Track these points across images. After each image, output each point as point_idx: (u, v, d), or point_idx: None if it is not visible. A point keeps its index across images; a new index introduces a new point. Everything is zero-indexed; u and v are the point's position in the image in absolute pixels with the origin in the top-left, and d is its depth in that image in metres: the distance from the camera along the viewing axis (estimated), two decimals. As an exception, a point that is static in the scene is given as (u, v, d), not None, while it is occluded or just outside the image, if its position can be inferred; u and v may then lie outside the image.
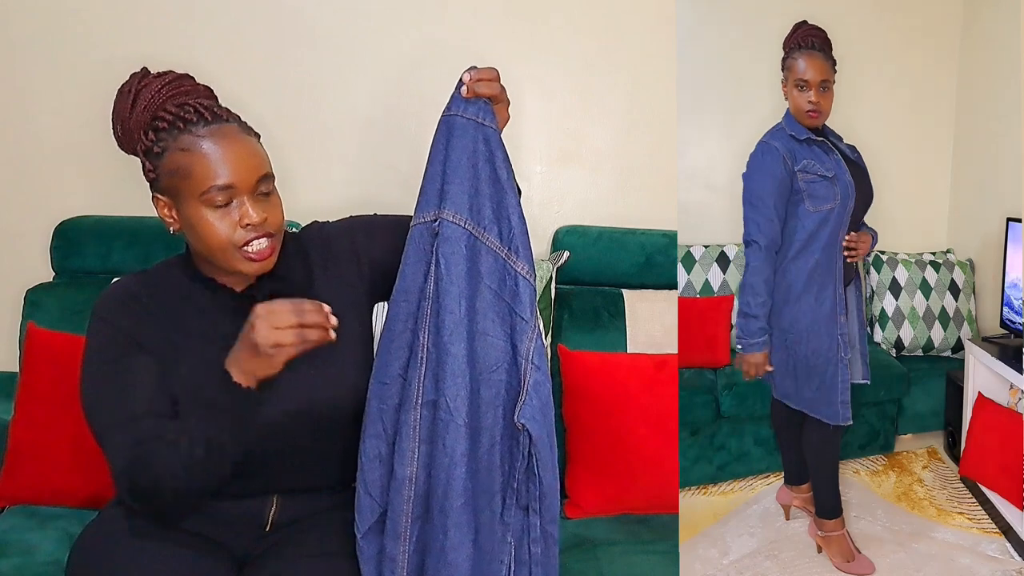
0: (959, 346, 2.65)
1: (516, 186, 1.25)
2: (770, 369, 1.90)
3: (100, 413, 1.21)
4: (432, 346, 1.20)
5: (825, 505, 2.03)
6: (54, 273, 2.06)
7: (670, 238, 2.15)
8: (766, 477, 2.36)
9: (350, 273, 1.35)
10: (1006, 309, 2.43)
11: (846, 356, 1.91)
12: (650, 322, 2.07)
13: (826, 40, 1.90)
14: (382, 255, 1.34)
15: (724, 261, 2.57)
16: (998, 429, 2.20)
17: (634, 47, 2.22)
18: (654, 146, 2.24)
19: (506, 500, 1.24)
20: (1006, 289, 2.43)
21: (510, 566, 1.24)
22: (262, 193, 1.23)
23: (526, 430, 1.20)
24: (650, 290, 2.13)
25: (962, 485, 2.36)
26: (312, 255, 1.36)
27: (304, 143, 2.14)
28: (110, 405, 1.21)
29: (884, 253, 2.71)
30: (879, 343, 2.66)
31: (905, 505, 2.28)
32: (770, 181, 1.86)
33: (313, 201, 1.95)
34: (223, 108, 1.25)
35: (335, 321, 1.14)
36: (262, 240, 1.23)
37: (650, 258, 2.14)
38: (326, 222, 1.41)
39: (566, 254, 2.07)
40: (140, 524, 1.23)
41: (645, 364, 1.93)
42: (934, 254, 2.76)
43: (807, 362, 1.91)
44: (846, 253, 1.91)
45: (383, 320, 1.28)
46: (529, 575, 1.25)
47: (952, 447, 2.48)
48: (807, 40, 1.89)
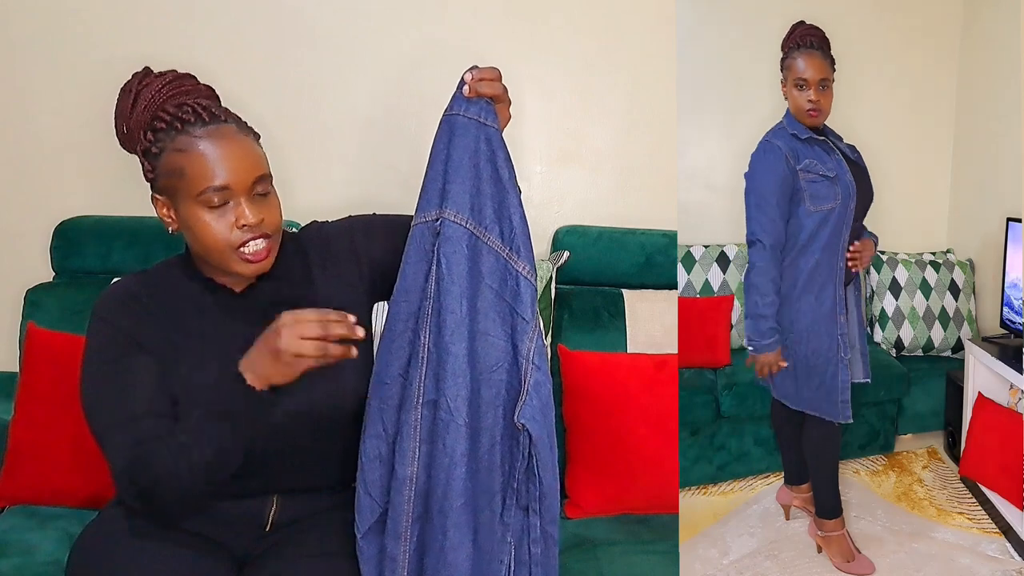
0: (959, 346, 2.65)
1: (517, 186, 1.25)
2: (784, 365, 1.88)
3: (100, 413, 1.21)
4: (433, 346, 1.20)
5: (825, 505, 2.03)
6: (54, 273, 2.06)
7: (670, 238, 2.15)
8: (766, 477, 2.36)
9: (349, 273, 1.35)
10: (1006, 309, 2.43)
11: (846, 356, 1.91)
12: (650, 322, 2.07)
13: (824, 39, 1.90)
14: (381, 255, 1.34)
15: (724, 261, 2.57)
16: (998, 429, 2.20)
17: (634, 47, 2.22)
18: (654, 146, 2.24)
19: (506, 500, 1.24)
20: (1006, 289, 2.43)
21: (510, 566, 1.24)
22: (259, 194, 1.23)
23: (526, 430, 1.20)
24: (650, 290, 2.13)
25: (962, 485, 2.36)
26: (311, 255, 1.35)
27: (304, 143, 2.14)
28: (110, 405, 1.21)
29: (884, 253, 2.71)
30: (879, 343, 2.66)
31: (905, 505, 2.28)
32: (774, 180, 1.86)
33: (313, 201, 1.94)
34: (222, 108, 1.25)
35: (361, 332, 1.14)
36: (259, 241, 1.23)
37: (650, 258, 2.14)
38: (325, 222, 1.41)
39: (566, 254, 2.08)
40: (140, 524, 1.23)
41: (645, 364, 1.93)
42: (934, 254, 2.75)
43: (807, 362, 1.91)
44: (851, 263, 1.91)
45: (383, 320, 1.28)
46: (529, 575, 1.25)
47: (952, 447, 2.48)
48: (805, 39, 1.89)
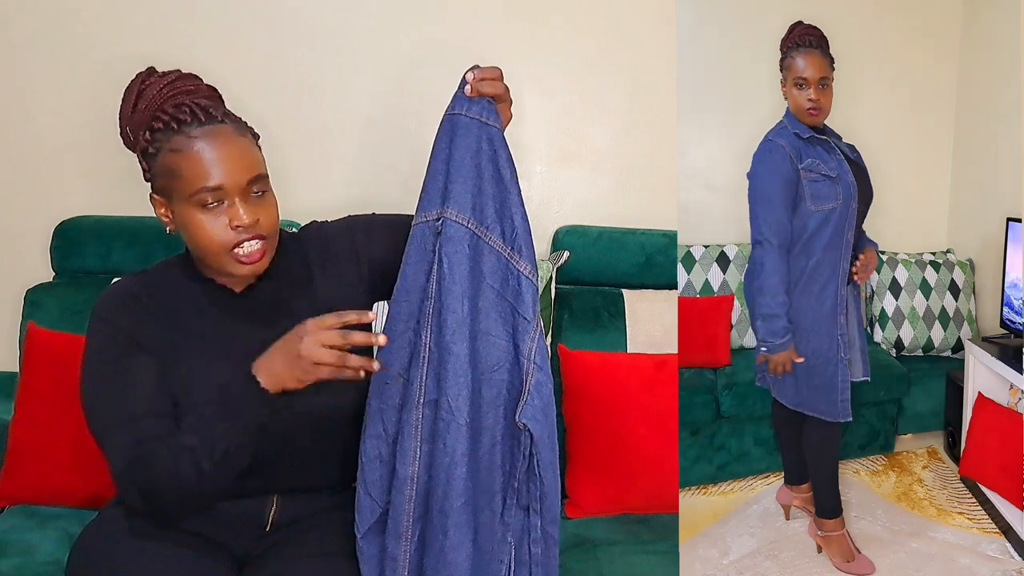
0: (959, 346, 2.65)
1: (518, 186, 1.25)
2: (800, 361, 1.87)
3: (100, 413, 1.21)
4: (434, 345, 1.20)
5: (825, 505, 2.03)
6: (54, 273, 2.06)
7: (670, 238, 2.15)
8: (766, 477, 2.36)
9: (349, 273, 1.35)
10: (1006, 309, 2.43)
11: (846, 356, 1.91)
12: (650, 322, 2.07)
13: (823, 38, 1.90)
14: (381, 254, 1.34)
15: (724, 261, 2.57)
16: (998, 429, 2.20)
17: (634, 47, 2.22)
18: (654, 146, 2.24)
19: (506, 500, 1.23)
20: (1006, 289, 2.43)
21: (510, 566, 1.24)
22: (255, 194, 1.22)
23: (527, 430, 1.20)
24: (650, 290, 2.13)
25: (962, 485, 2.36)
26: (311, 255, 1.35)
27: (304, 143, 2.14)
28: (110, 405, 1.21)
29: (884, 253, 2.71)
30: (879, 343, 2.66)
31: (905, 505, 2.28)
32: (779, 179, 1.86)
33: (313, 201, 1.94)
34: (221, 109, 1.24)
35: (383, 340, 1.15)
36: (253, 242, 1.22)
37: (650, 258, 2.14)
38: (325, 222, 1.40)
39: (566, 254, 2.08)
40: (140, 524, 1.23)
41: (645, 364, 1.93)
42: (934, 254, 2.75)
43: (807, 361, 1.90)
44: (856, 278, 1.92)
45: (383, 320, 1.28)
46: (529, 575, 1.25)
47: (952, 447, 2.48)
48: (804, 39, 1.89)
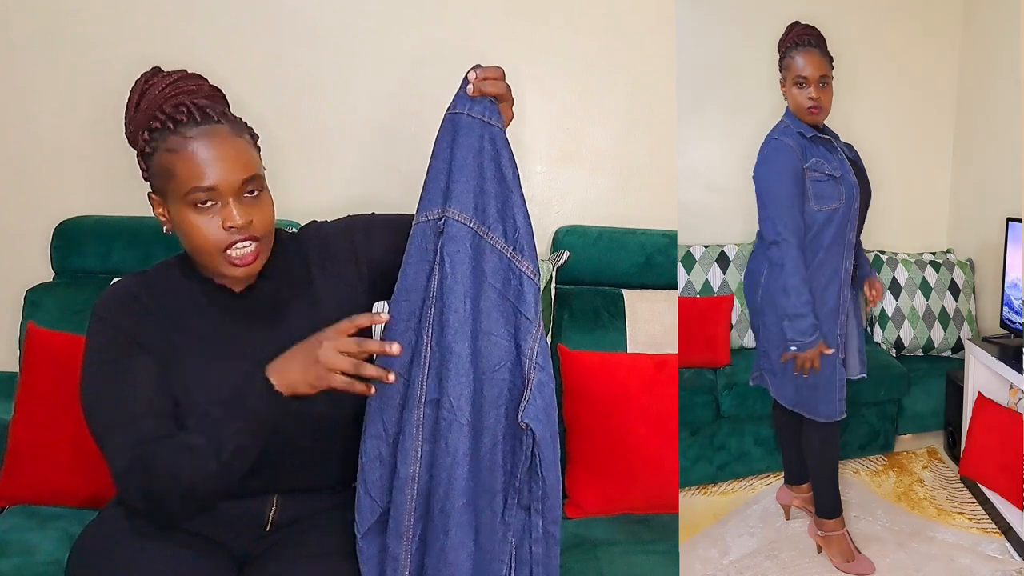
0: (959, 346, 2.65)
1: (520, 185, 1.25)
2: (830, 352, 1.87)
3: (100, 414, 1.21)
4: (435, 345, 1.20)
5: (825, 505, 2.03)
6: (54, 273, 2.06)
7: (670, 238, 2.15)
8: (766, 477, 2.36)
9: (349, 273, 1.35)
10: (1006, 309, 2.43)
11: (842, 355, 1.91)
12: (650, 322, 2.07)
13: (820, 37, 1.91)
14: (381, 254, 1.34)
15: (724, 261, 2.57)
16: (998, 429, 2.20)
17: (634, 47, 2.22)
18: (654, 146, 2.24)
19: (507, 500, 1.23)
20: (1006, 289, 2.43)
21: (511, 565, 1.24)
22: (249, 195, 1.22)
23: (530, 429, 1.20)
24: (650, 290, 2.13)
25: (962, 485, 2.36)
26: (311, 255, 1.35)
27: (304, 143, 2.14)
28: (110, 406, 1.21)
29: (884, 253, 2.71)
30: (879, 343, 2.66)
31: (905, 505, 2.28)
32: (789, 177, 1.86)
33: (313, 201, 1.95)
34: (219, 109, 1.23)
35: (397, 349, 1.17)
36: (247, 244, 1.22)
37: (650, 258, 2.14)
38: (324, 222, 1.40)
39: (566, 254, 2.07)
40: (140, 524, 1.23)
41: (645, 364, 1.93)
42: (934, 254, 2.75)
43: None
44: (871, 305, 1.92)
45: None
46: (530, 574, 1.25)
47: (952, 447, 2.48)
48: (803, 38, 1.89)
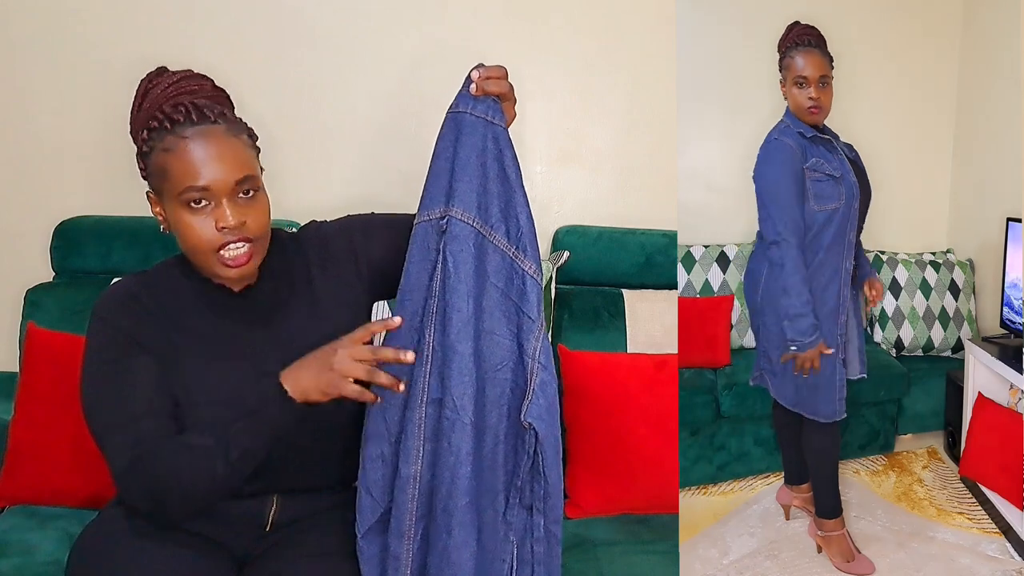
0: (959, 346, 2.65)
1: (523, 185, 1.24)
2: (829, 352, 1.87)
3: (100, 414, 1.21)
4: (437, 344, 1.20)
5: (825, 505, 2.03)
6: (54, 273, 2.06)
7: (670, 238, 2.15)
8: (766, 477, 2.36)
9: (348, 272, 1.35)
10: (1006, 309, 2.43)
11: (842, 355, 1.91)
12: (650, 322, 2.07)
13: (820, 37, 1.91)
14: (381, 254, 1.34)
15: (724, 261, 2.57)
16: (998, 429, 2.20)
17: (634, 47, 2.22)
18: (654, 146, 2.24)
19: (509, 499, 1.23)
20: (1006, 289, 2.43)
21: (512, 565, 1.24)
22: (243, 196, 1.21)
23: (533, 429, 1.20)
24: (650, 290, 2.13)
25: (962, 485, 2.36)
26: (310, 255, 1.35)
27: (304, 143, 2.14)
28: (110, 406, 1.21)
29: (884, 253, 2.71)
30: (879, 343, 2.66)
31: (905, 505, 2.28)
32: (790, 177, 1.86)
33: (313, 201, 1.95)
34: (216, 109, 1.22)
35: (411, 357, 1.17)
36: (240, 246, 1.21)
37: (650, 258, 2.14)
38: (324, 221, 1.40)
39: (566, 254, 2.07)
40: (140, 524, 1.23)
41: (645, 364, 1.93)
42: (934, 254, 2.75)
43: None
44: (871, 305, 1.92)
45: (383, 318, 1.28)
46: (532, 574, 1.25)
47: (952, 447, 2.48)
48: (802, 38, 1.89)
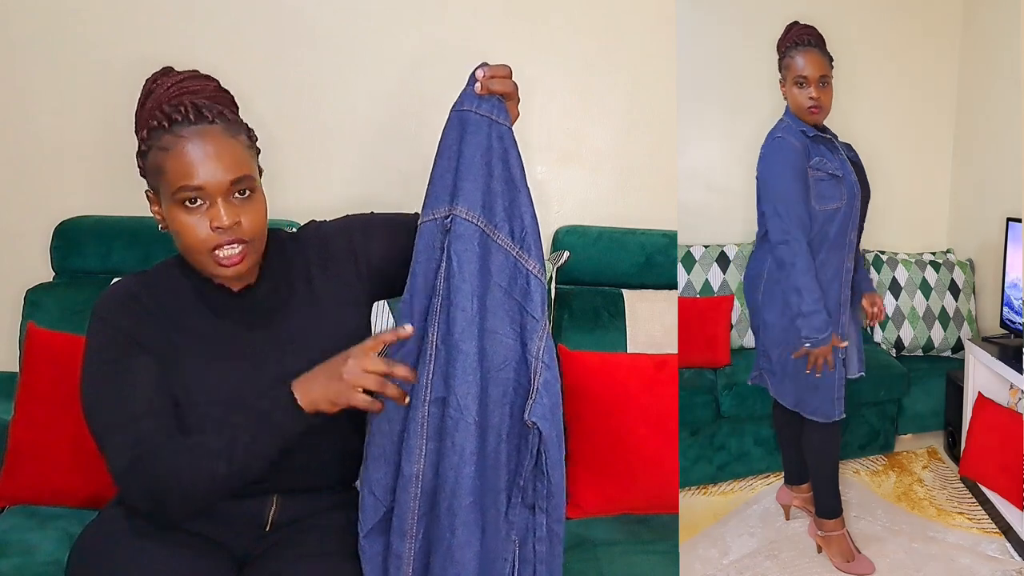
0: (959, 346, 2.65)
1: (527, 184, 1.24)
2: (844, 345, 1.88)
3: (100, 413, 1.22)
4: (441, 343, 1.19)
5: (825, 505, 2.03)
6: (54, 273, 2.06)
7: (670, 238, 2.15)
8: (766, 477, 2.36)
9: (348, 272, 1.35)
10: (1006, 309, 2.43)
11: (842, 355, 1.91)
12: (650, 322, 2.07)
13: (819, 37, 1.90)
14: (380, 254, 1.34)
15: (724, 261, 2.57)
16: (998, 429, 2.20)
17: (634, 47, 2.22)
18: (654, 146, 2.24)
19: (511, 499, 1.23)
20: (1006, 289, 2.43)
21: (514, 564, 1.24)
22: (239, 196, 1.21)
23: (536, 428, 1.20)
24: (650, 290, 2.13)
25: (962, 485, 2.36)
26: (310, 255, 1.35)
27: (304, 143, 2.14)
28: (110, 405, 1.21)
29: (884, 253, 2.71)
30: (879, 343, 2.66)
31: (905, 505, 2.28)
32: (795, 176, 1.85)
33: (313, 201, 1.94)
34: (215, 109, 1.22)
35: (410, 374, 1.19)
36: (233, 246, 1.21)
37: (650, 258, 2.14)
38: (323, 221, 1.40)
39: (566, 254, 2.07)
40: (140, 524, 1.23)
41: (645, 364, 1.93)
42: (934, 254, 2.75)
43: (805, 361, 1.90)
44: (872, 321, 1.95)
45: (383, 319, 1.28)
46: (533, 574, 1.25)
47: (952, 447, 2.48)
48: (802, 38, 1.89)
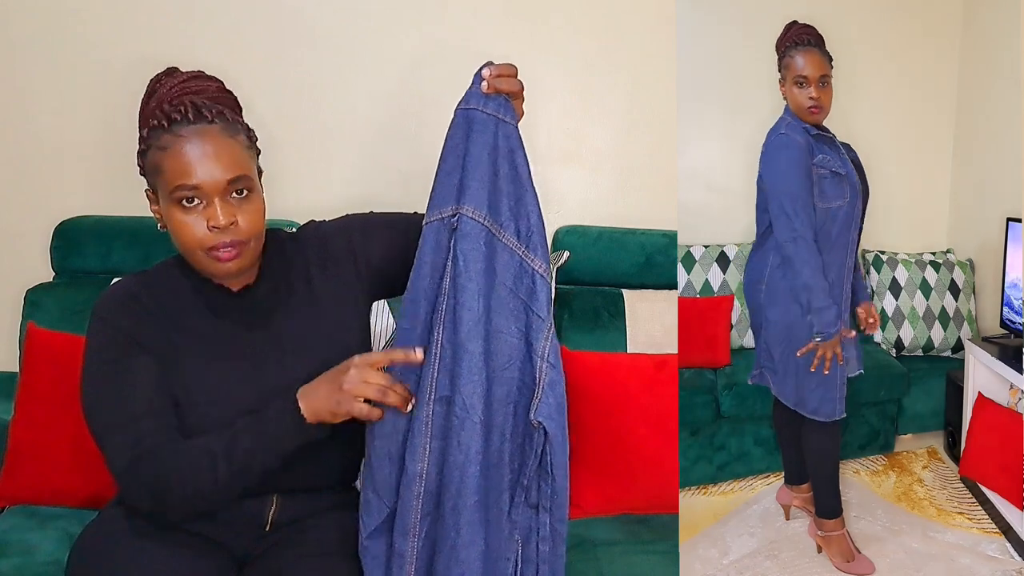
0: (959, 346, 2.65)
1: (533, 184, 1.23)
2: (852, 335, 1.89)
3: (100, 413, 1.22)
4: (446, 342, 1.19)
5: (825, 505, 2.03)
6: (54, 273, 2.06)
7: (670, 238, 2.15)
8: (766, 477, 2.36)
9: (347, 272, 1.35)
10: (1006, 309, 2.43)
11: (844, 353, 1.91)
12: (650, 322, 2.07)
13: (819, 36, 1.90)
14: (380, 253, 1.34)
15: (724, 261, 2.57)
16: (998, 429, 2.20)
17: (634, 47, 2.22)
18: (654, 146, 2.24)
19: (514, 498, 1.23)
20: (1006, 289, 2.43)
21: (516, 563, 1.23)
22: (236, 195, 1.21)
23: (542, 428, 1.20)
24: (650, 290, 2.13)
25: (962, 485, 2.36)
26: (310, 255, 1.35)
27: (304, 143, 2.14)
28: (110, 405, 1.21)
29: (884, 253, 2.71)
30: (879, 343, 2.66)
31: (905, 505, 2.28)
32: (801, 173, 1.85)
33: (313, 201, 1.94)
34: (215, 109, 1.22)
35: (419, 355, 1.19)
36: (228, 248, 1.21)
37: (650, 258, 2.14)
38: (323, 221, 1.40)
39: (566, 254, 2.07)
40: (140, 524, 1.23)
41: (645, 364, 1.93)
42: (934, 254, 2.75)
43: (808, 360, 1.90)
44: (865, 328, 1.95)
45: (383, 319, 1.28)
46: (536, 573, 1.24)
47: (952, 447, 2.48)
48: (802, 37, 1.89)
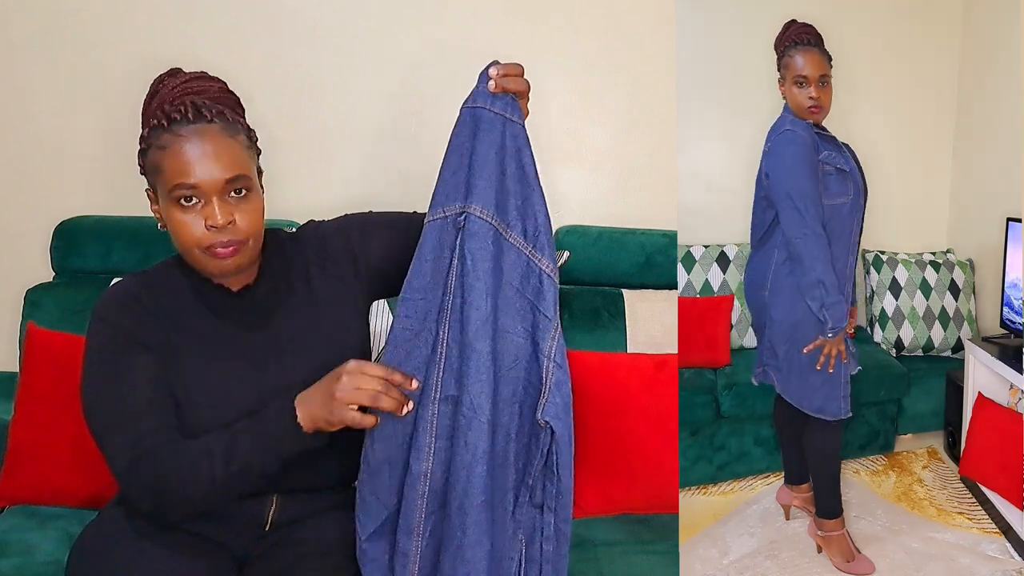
0: (959, 346, 2.65)
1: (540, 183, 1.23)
2: (851, 333, 1.90)
3: (100, 413, 1.22)
4: (453, 342, 1.19)
5: (825, 505, 2.03)
6: (54, 273, 2.06)
7: (670, 238, 2.15)
8: (766, 477, 2.36)
9: (347, 272, 1.35)
10: (1006, 309, 2.43)
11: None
12: (650, 322, 2.07)
13: (818, 36, 1.90)
14: (379, 253, 1.34)
15: (724, 261, 2.57)
16: (998, 429, 2.20)
17: (634, 47, 2.22)
18: (654, 146, 2.24)
19: (519, 498, 1.23)
20: (1006, 289, 2.43)
21: (520, 563, 1.23)
22: (235, 195, 1.21)
23: (549, 427, 1.20)
24: (650, 290, 2.13)
25: (962, 485, 2.36)
26: (309, 255, 1.35)
27: (304, 143, 2.14)
28: (110, 405, 1.21)
29: (884, 253, 2.71)
30: (879, 343, 2.66)
31: (905, 505, 2.28)
32: (810, 169, 1.85)
33: (313, 201, 1.94)
34: (215, 109, 1.22)
35: (415, 385, 1.18)
36: (227, 248, 1.21)
37: (650, 258, 2.14)
38: (322, 221, 1.40)
39: (566, 254, 2.07)
40: (140, 524, 1.23)
41: (645, 364, 1.93)
42: (934, 254, 2.75)
43: (812, 358, 1.90)
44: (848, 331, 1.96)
45: (383, 319, 1.28)
46: (540, 573, 1.24)
47: (952, 447, 2.48)
48: (801, 37, 1.88)
